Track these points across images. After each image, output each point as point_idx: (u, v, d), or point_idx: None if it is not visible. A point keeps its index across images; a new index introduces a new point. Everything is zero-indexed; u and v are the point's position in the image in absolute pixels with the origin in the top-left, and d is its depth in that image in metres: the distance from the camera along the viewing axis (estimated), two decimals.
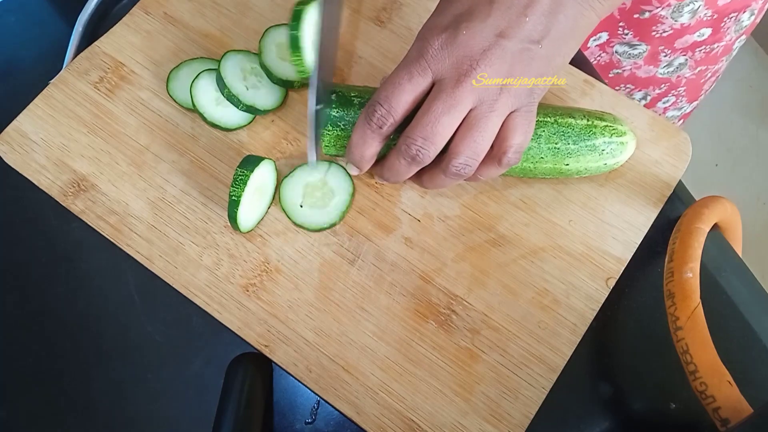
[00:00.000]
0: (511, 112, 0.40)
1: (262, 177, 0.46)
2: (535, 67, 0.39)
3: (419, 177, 0.45)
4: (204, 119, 0.49)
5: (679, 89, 0.71)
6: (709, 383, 0.39)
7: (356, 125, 0.43)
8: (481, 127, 0.39)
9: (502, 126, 0.40)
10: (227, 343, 0.47)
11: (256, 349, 0.45)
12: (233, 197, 0.44)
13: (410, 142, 0.40)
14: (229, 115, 0.50)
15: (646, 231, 0.49)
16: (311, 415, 0.46)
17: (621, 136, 0.46)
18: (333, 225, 0.48)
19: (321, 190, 0.48)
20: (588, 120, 0.45)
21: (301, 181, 0.48)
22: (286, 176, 0.48)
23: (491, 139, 0.40)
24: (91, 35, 0.56)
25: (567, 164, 0.46)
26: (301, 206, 0.48)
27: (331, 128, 0.46)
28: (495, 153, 0.41)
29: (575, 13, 0.38)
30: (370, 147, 0.43)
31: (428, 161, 0.41)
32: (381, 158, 0.45)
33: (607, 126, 0.46)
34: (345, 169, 0.48)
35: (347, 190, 0.48)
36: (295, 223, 0.48)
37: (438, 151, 0.41)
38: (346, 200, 0.48)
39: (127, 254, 0.47)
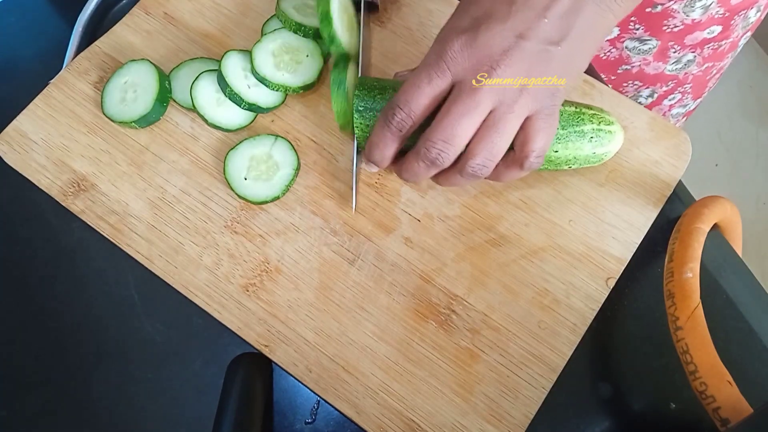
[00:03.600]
0: (532, 114, 0.40)
1: None
2: (555, 67, 0.39)
3: (435, 176, 0.45)
4: (204, 120, 0.49)
5: (685, 86, 0.71)
6: (709, 383, 0.39)
7: (375, 126, 0.43)
8: (499, 129, 0.39)
9: (522, 128, 0.40)
10: (227, 343, 0.47)
11: (256, 349, 0.45)
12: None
13: (430, 145, 0.40)
14: (230, 116, 0.50)
15: (646, 231, 0.49)
16: (311, 415, 0.46)
17: (609, 125, 0.46)
18: (276, 198, 0.48)
19: (266, 164, 0.48)
20: (576, 108, 0.46)
21: (246, 153, 0.49)
22: (231, 149, 0.49)
23: (509, 140, 0.40)
24: (91, 35, 0.56)
25: (556, 150, 0.46)
26: (246, 179, 0.48)
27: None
28: (517, 156, 0.41)
29: (594, 14, 0.38)
30: (389, 148, 0.43)
31: (448, 164, 0.41)
32: (399, 156, 0.45)
33: (594, 114, 0.46)
34: (291, 144, 0.49)
35: (292, 164, 0.48)
36: (238, 195, 0.48)
37: (457, 154, 0.41)
38: (290, 174, 0.48)
39: (127, 254, 0.47)
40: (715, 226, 0.49)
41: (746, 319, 0.48)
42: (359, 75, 0.50)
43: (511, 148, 0.42)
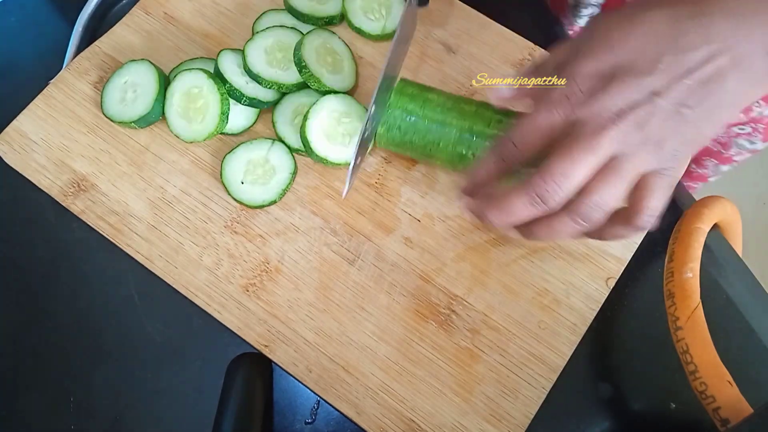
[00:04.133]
0: (651, 173, 0.38)
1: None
2: (684, 131, 0.37)
3: (536, 223, 0.41)
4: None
5: (758, 124, 0.68)
6: (709, 383, 0.39)
7: (483, 158, 0.41)
8: (620, 173, 0.37)
9: (639, 186, 0.38)
10: (227, 343, 0.47)
11: (256, 349, 0.45)
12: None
13: (547, 177, 0.37)
14: (232, 118, 0.50)
15: (646, 231, 0.48)
16: (311, 415, 0.46)
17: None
18: (273, 203, 0.48)
19: (263, 167, 0.48)
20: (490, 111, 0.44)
21: (243, 157, 0.49)
22: (228, 152, 0.49)
23: (626, 189, 0.38)
24: (91, 35, 0.56)
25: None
26: (242, 183, 0.48)
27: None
28: (628, 212, 0.39)
29: (737, 87, 0.37)
30: (492, 176, 0.41)
31: (555, 205, 0.38)
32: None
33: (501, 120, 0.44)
34: (288, 147, 0.49)
35: (289, 169, 0.48)
36: (234, 199, 0.48)
37: (568, 196, 0.38)
38: (287, 178, 0.48)
39: (127, 254, 0.47)
40: (715, 226, 0.49)
41: (746, 319, 0.48)
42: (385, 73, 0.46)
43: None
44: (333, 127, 0.48)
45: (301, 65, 0.48)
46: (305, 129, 0.47)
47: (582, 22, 0.67)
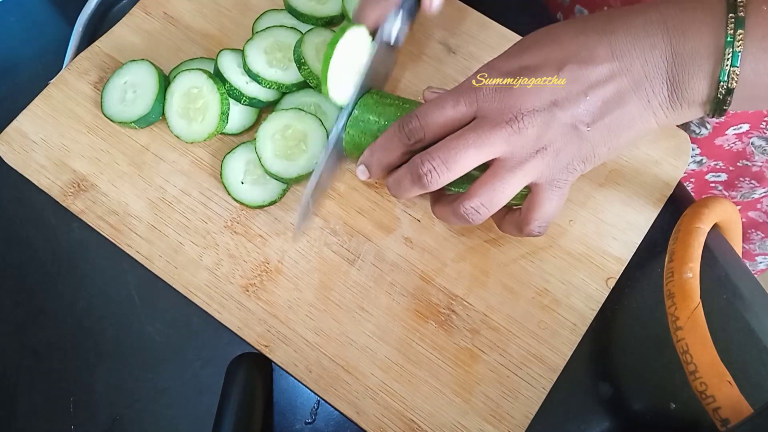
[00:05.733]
0: (542, 182, 0.39)
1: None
2: (579, 146, 0.38)
3: (433, 204, 0.44)
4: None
5: None
6: (709, 383, 0.39)
7: (386, 131, 0.42)
8: (504, 178, 0.38)
9: (531, 193, 0.39)
10: (227, 343, 0.47)
11: (256, 349, 0.45)
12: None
13: (426, 159, 0.39)
14: (232, 118, 0.50)
15: (646, 231, 0.49)
16: (311, 415, 0.46)
17: None
18: (273, 203, 0.48)
19: (263, 168, 0.48)
20: None
21: (243, 157, 0.49)
22: (227, 153, 0.49)
23: (510, 195, 0.39)
24: (91, 35, 0.56)
25: None
26: (242, 183, 0.48)
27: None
28: (519, 220, 0.41)
29: (635, 112, 0.37)
30: (390, 154, 0.42)
31: (434, 187, 0.39)
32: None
33: None
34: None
35: None
36: (234, 199, 0.48)
37: (448, 181, 0.39)
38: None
39: (127, 254, 0.47)
40: (715, 226, 0.49)
41: (746, 319, 0.48)
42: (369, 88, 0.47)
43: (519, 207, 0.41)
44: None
45: (300, 62, 0.48)
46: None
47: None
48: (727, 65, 0.35)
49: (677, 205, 0.50)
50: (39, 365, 0.47)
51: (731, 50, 0.34)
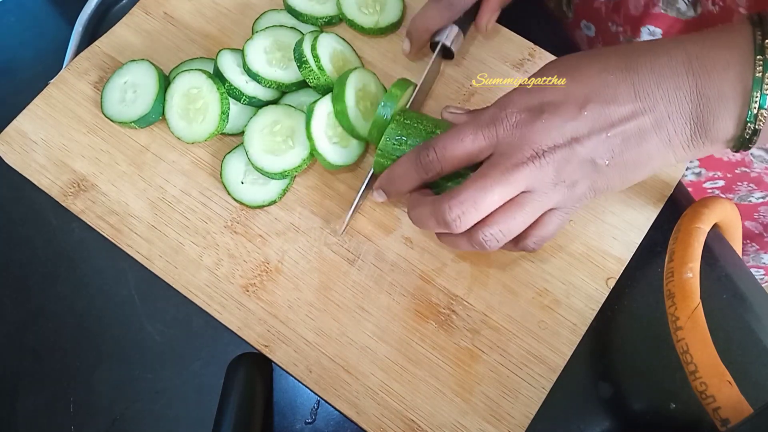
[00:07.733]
0: (553, 209, 0.40)
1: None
2: (595, 179, 0.38)
3: (440, 234, 0.44)
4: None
5: None
6: (709, 383, 0.39)
7: (403, 158, 0.42)
8: (525, 209, 0.39)
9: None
10: (227, 343, 0.47)
11: (256, 349, 0.45)
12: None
13: (454, 204, 0.38)
14: (232, 118, 0.50)
15: (646, 231, 0.49)
16: (311, 415, 0.46)
17: None
18: (272, 203, 0.48)
19: (249, 162, 0.48)
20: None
21: (243, 157, 0.49)
22: (228, 152, 0.49)
23: (527, 224, 0.40)
24: (91, 35, 0.56)
25: None
26: (242, 183, 0.48)
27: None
28: (517, 235, 0.41)
29: (654, 150, 0.38)
30: (407, 185, 0.42)
31: (461, 231, 0.40)
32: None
33: None
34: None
35: None
36: (234, 199, 0.48)
37: (476, 221, 0.39)
38: (287, 179, 0.48)
39: (127, 254, 0.47)
40: (715, 226, 0.49)
41: (746, 319, 0.48)
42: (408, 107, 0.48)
43: None
44: (332, 127, 0.48)
45: (301, 60, 0.48)
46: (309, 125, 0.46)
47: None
48: (754, 107, 0.35)
49: (677, 205, 0.50)
50: (39, 365, 0.47)
51: (759, 92, 0.34)
